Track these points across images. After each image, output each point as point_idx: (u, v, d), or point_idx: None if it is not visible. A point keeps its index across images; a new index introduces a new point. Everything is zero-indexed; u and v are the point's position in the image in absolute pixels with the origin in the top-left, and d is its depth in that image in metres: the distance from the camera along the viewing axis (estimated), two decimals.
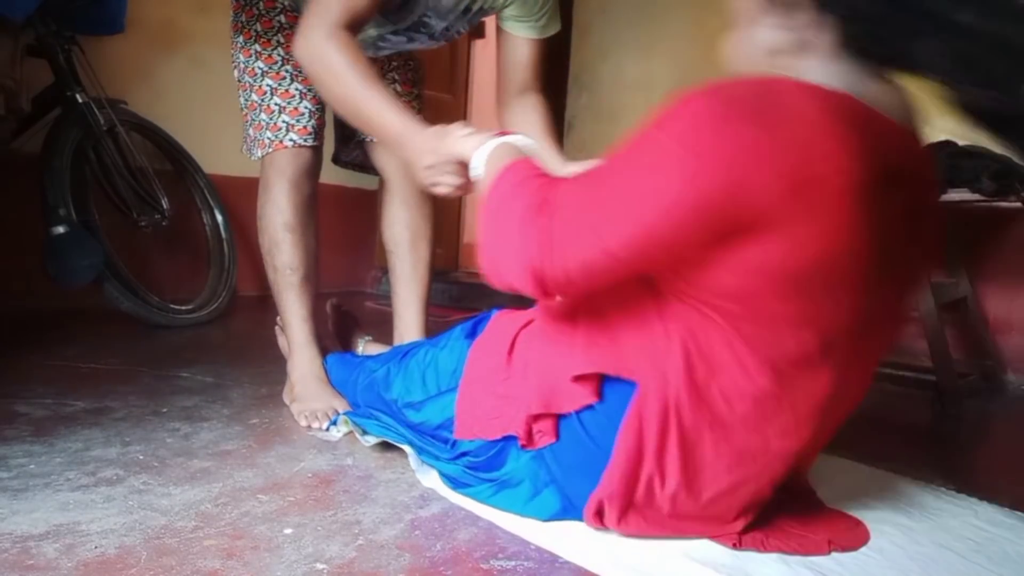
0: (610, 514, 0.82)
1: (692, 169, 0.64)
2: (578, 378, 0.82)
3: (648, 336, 0.77)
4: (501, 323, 1.03)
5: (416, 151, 1.01)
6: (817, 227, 0.65)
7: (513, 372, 0.93)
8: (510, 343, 0.96)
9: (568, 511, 0.88)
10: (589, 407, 0.82)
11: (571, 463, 0.86)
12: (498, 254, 0.78)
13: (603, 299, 0.82)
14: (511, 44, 1.32)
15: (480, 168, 0.90)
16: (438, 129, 0.99)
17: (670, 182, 0.65)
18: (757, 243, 0.66)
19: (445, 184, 1.00)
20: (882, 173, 0.67)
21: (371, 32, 1.29)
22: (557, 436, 0.86)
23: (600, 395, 0.82)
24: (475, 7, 1.27)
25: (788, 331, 0.72)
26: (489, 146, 0.91)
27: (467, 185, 0.99)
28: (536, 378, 0.88)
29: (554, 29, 1.33)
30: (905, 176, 0.71)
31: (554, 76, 3.47)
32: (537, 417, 0.87)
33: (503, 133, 0.94)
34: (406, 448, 1.05)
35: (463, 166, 0.96)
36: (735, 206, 0.65)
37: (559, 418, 0.86)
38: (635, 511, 0.82)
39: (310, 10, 1.08)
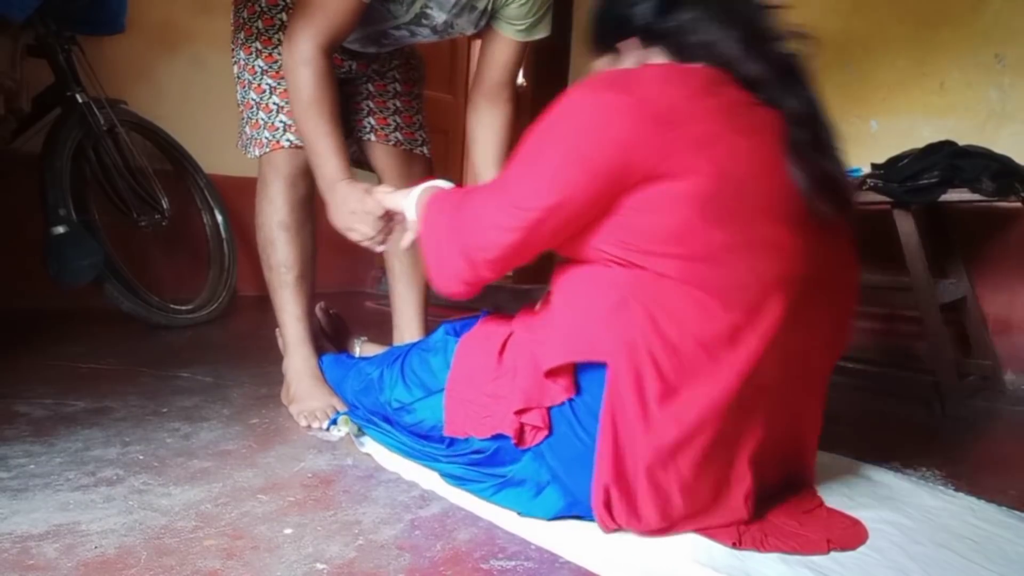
0: (619, 505, 0.82)
1: (572, 136, 0.78)
2: (551, 373, 0.85)
3: (611, 311, 0.81)
4: (490, 324, 1.04)
5: (342, 197, 1.13)
6: (702, 152, 0.76)
7: (503, 372, 0.94)
8: (501, 344, 0.97)
9: (572, 507, 0.88)
10: (572, 399, 0.85)
11: (568, 456, 0.86)
12: (441, 261, 0.90)
13: (572, 291, 0.87)
14: (495, 42, 1.34)
15: (412, 211, 1.02)
16: (367, 185, 1.13)
17: (558, 152, 0.79)
18: (661, 182, 0.76)
19: (360, 232, 1.13)
20: (732, 103, 0.80)
21: (374, 27, 1.29)
22: (550, 430, 0.87)
23: (577, 388, 0.85)
24: (480, 5, 1.27)
25: (732, 261, 0.78)
26: (416, 191, 1.02)
27: (380, 238, 1.13)
28: (521, 375, 0.90)
29: (543, 32, 1.34)
30: (758, 105, 0.82)
31: (554, 76, 3.48)
32: (523, 411, 0.88)
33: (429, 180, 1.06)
34: (398, 463, 1.06)
35: (383, 221, 1.11)
36: (619, 156, 0.76)
37: (549, 411, 0.87)
38: (643, 496, 0.81)
39: (296, 15, 1.16)
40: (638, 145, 0.76)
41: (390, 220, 1.12)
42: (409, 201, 1.02)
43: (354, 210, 1.11)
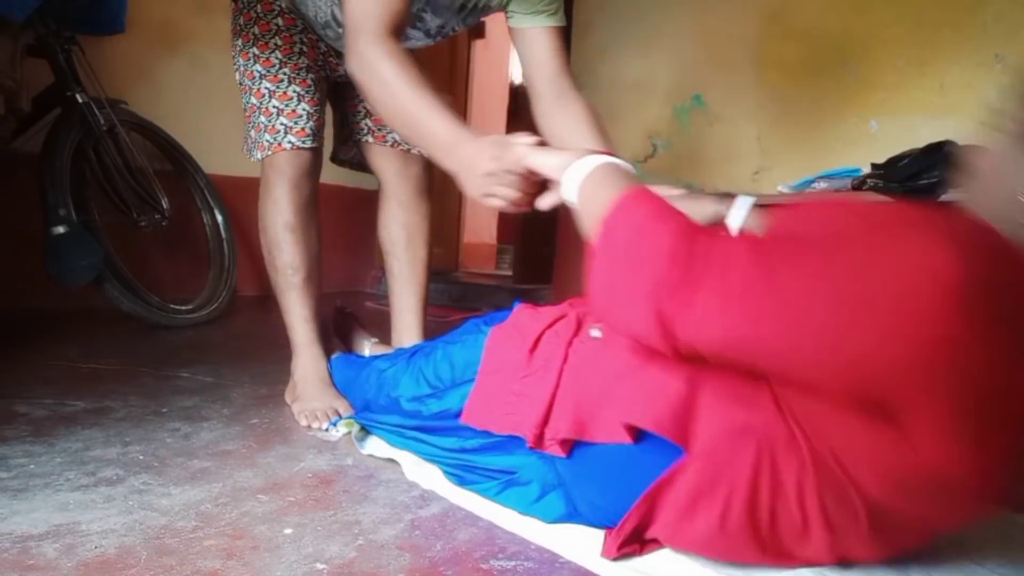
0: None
1: (899, 333, 0.54)
2: (630, 428, 0.78)
3: (725, 425, 0.71)
4: (523, 317, 1.01)
5: (471, 157, 0.93)
6: (973, 448, 0.58)
7: (533, 370, 0.91)
8: (534, 340, 0.94)
9: (573, 517, 0.88)
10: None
11: (583, 474, 0.85)
12: (621, 297, 0.68)
13: (709, 372, 0.73)
14: (529, 40, 1.25)
15: (573, 190, 0.81)
16: (499, 137, 0.93)
17: (865, 333, 0.55)
18: (895, 432, 0.59)
19: (502, 196, 0.92)
20: None
21: None
22: (568, 454, 0.85)
23: (636, 440, 0.78)
24: (470, 5, 1.27)
25: (866, 514, 0.67)
26: (586, 165, 0.81)
27: (526, 199, 0.92)
28: (576, 397, 0.84)
29: (562, 20, 1.28)
30: None
31: None
32: (553, 439, 0.85)
33: (601, 153, 0.84)
34: (400, 457, 1.06)
35: (527, 179, 0.90)
36: (906, 392, 0.56)
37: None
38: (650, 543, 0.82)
39: (351, 26, 1.04)
40: (926, 399, 0.56)
41: (533, 176, 0.91)
42: (570, 177, 0.82)
43: (491, 171, 0.91)
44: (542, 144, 0.90)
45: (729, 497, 0.72)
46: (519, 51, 1.29)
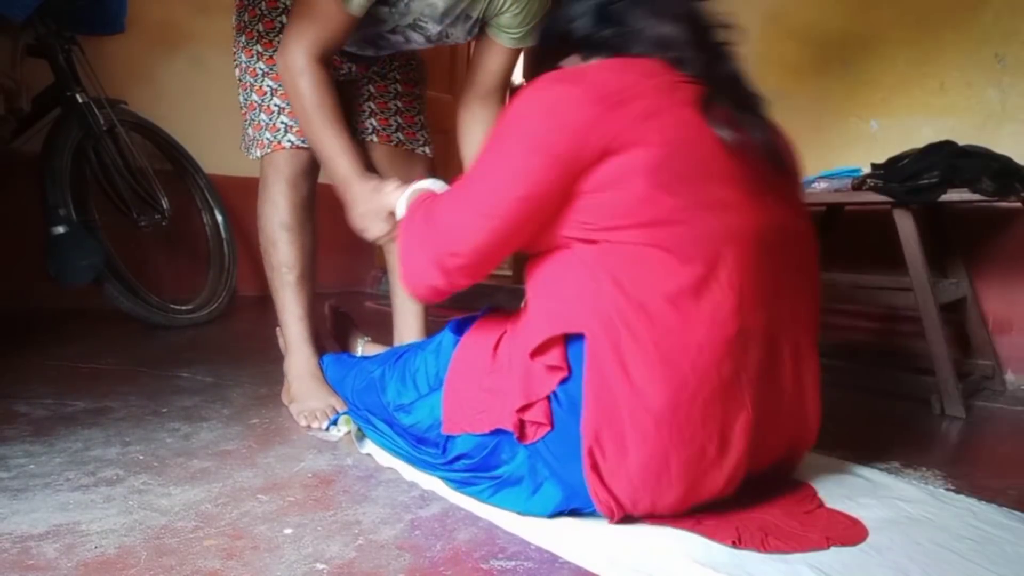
0: (607, 464, 0.82)
1: (530, 129, 0.83)
2: (536, 352, 0.85)
3: (582, 285, 0.84)
4: (489, 320, 1.04)
5: (354, 198, 1.16)
6: (649, 123, 0.81)
7: (499, 366, 0.94)
8: (496, 339, 0.97)
9: (571, 499, 0.88)
10: (564, 382, 0.84)
11: (565, 448, 0.86)
12: (413, 266, 0.93)
13: (544, 278, 0.90)
14: (489, 49, 1.35)
15: (402, 211, 1.06)
16: (376, 183, 1.14)
17: (519, 145, 0.84)
18: (614, 157, 0.81)
19: (372, 230, 1.15)
20: (673, 82, 0.85)
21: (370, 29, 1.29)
22: (551, 423, 0.86)
23: (568, 366, 0.85)
24: (473, 14, 1.28)
25: (685, 219, 0.82)
26: (407, 192, 1.07)
27: (393, 235, 1.12)
28: (516, 370, 0.90)
29: (532, 41, 1.33)
30: (693, 82, 0.87)
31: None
32: (525, 408, 0.87)
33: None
34: (397, 465, 1.06)
35: (392, 216, 1.11)
36: (574, 140, 0.81)
37: (550, 404, 0.86)
38: (635, 460, 0.81)
39: (289, 24, 1.19)
40: (590, 127, 0.81)
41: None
42: (402, 201, 1.07)
43: (364, 212, 1.14)
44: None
45: (626, 320, 0.81)
46: (480, 51, 1.38)
